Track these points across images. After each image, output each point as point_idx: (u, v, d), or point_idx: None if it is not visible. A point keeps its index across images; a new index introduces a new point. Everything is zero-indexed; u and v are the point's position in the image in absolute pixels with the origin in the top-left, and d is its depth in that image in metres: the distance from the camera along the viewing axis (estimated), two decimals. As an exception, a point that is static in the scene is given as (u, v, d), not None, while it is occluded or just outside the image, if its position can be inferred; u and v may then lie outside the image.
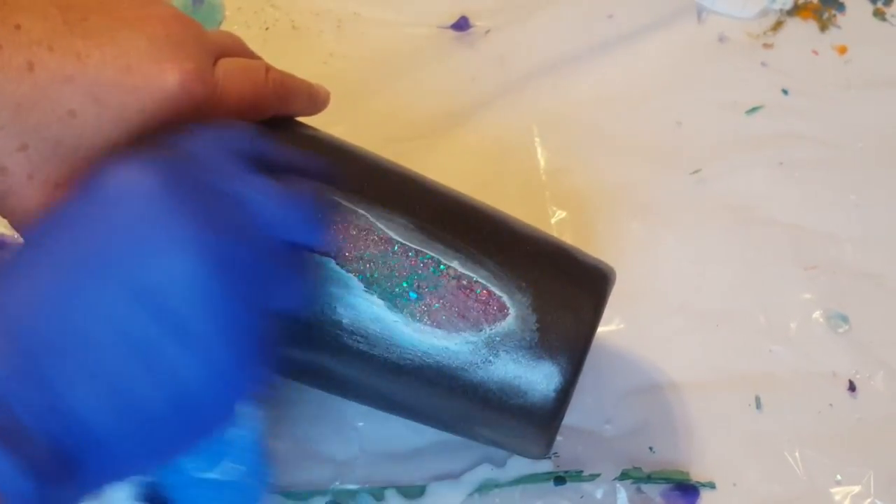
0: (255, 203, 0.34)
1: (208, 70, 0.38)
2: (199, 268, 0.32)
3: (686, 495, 0.47)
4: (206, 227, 0.33)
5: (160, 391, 0.32)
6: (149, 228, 0.32)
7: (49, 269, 0.32)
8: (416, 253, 0.40)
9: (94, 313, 0.32)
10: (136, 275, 0.32)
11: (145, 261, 0.32)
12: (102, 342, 0.32)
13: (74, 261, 0.32)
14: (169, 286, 0.32)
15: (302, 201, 0.36)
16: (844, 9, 0.59)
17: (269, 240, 0.34)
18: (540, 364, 0.40)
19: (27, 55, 0.35)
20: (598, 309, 0.41)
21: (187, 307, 0.32)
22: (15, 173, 0.35)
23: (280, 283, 0.35)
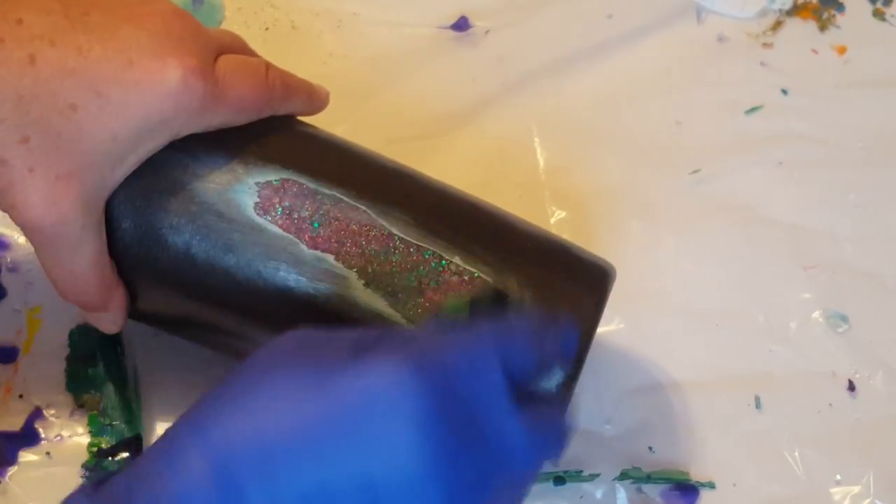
0: (509, 446, 0.32)
1: (209, 66, 0.38)
2: (432, 480, 0.30)
3: (686, 495, 0.47)
4: (450, 445, 0.31)
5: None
6: (397, 423, 0.31)
7: (277, 418, 0.31)
8: (418, 248, 0.40)
9: (323, 471, 0.30)
10: (378, 459, 0.30)
11: (378, 448, 0.30)
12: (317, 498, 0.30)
13: (309, 424, 0.31)
14: (401, 487, 0.30)
15: (552, 435, 0.34)
16: (844, 9, 0.59)
17: (513, 478, 0.33)
18: None
19: (29, 49, 0.35)
20: (599, 304, 0.41)
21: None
22: (16, 166, 0.35)
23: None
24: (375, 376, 0.31)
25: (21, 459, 0.46)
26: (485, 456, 0.32)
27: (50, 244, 0.37)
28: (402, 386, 0.31)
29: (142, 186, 0.39)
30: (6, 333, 0.49)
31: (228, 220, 0.39)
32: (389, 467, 0.30)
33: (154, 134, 0.37)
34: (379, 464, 0.30)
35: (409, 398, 0.31)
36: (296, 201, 0.40)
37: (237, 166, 0.40)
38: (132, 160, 0.38)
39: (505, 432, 0.32)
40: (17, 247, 0.51)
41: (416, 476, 0.30)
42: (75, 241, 0.37)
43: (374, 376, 0.31)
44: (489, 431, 0.32)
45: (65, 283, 0.39)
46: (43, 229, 0.37)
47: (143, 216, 0.39)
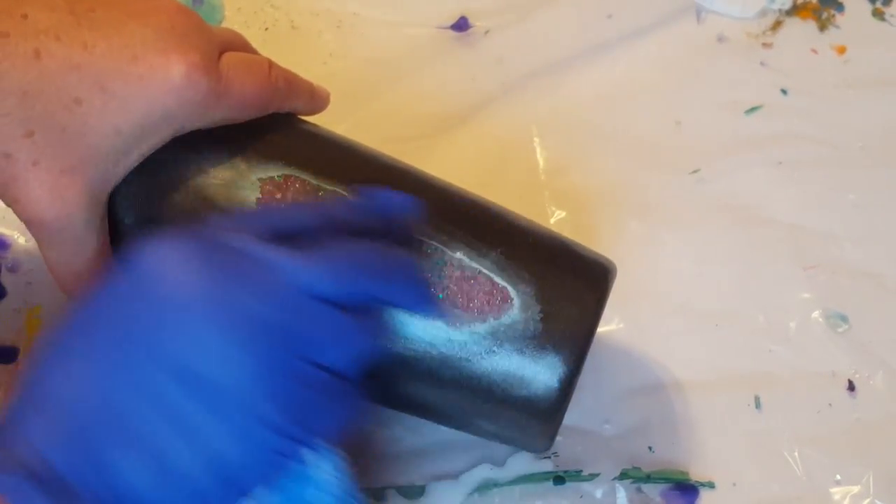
0: (281, 267, 0.34)
1: (213, 63, 0.38)
2: (225, 333, 0.33)
3: (685, 495, 0.47)
4: (228, 292, 0.33)
5: (198, 460, 0.33)
6: (175, 300, 0.33)
7: (90, 349, 0.33)
8: (421, 243, 0.40)
9: (133, 390, 0.33)
10: (166, 349, 0.33)
11: (173, 333, 0.33)
12: (143, 417, 0.32)
13: (112, 340, 0.33)
14: (197, 355, 0.33)
15: (326, 261, 0.36)
16: (843, 8, 0.59)
17: (300, 299, 0.34)
18: (543, 354, 0.40)
19: (34, 43, 0.35)
20: (600, 300, 0.41)
21: (217, 374, 0.33)
22: (20, 160, 0.36)
23: (323, 339, 0.35)
24: (138, 259, 0.34)
25: (21, 459, 0.46)
26: (260, 280, 0.33)
27: (53, 238, 0.37)
28: (162, 256, 0.33)
29: (145, 182, 0.39)
30: (6, 333, 0.49)
31: (231, 215, 0.39)
32: (190, 353, 0.33)
33: (157, 129, 0.37)
34: (179, 354, 0.33)
35: (169, 254, 0.33)
36: (298, 197, 0.40)
37: (240, 162, 0.40)
38: (135, 155, 0.38)
39: (271, 257, 0.34)
40: (17, 247, 0.51)
41: (195, 309, 0.33)
42: (78, 236, 0.37)
43: (136, 261, 0.34)
44: (256, 257, 0.34)
45: (67, 279, 0.39)
46: (46, 223, 0.37)
47: (146, 212, 0.39)
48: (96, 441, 0.32)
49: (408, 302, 0.38)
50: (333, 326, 0.35)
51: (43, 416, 0.33)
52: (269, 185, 0.40)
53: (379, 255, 0.37)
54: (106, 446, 0.32)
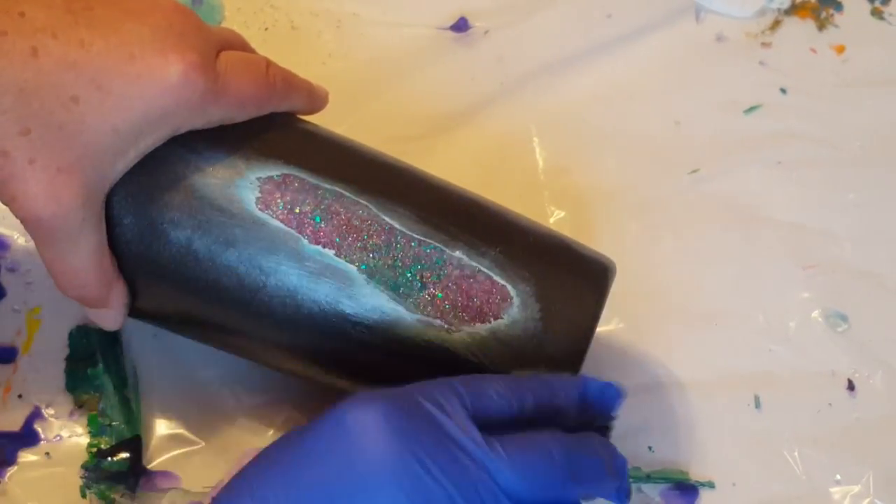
0: (480, 459, 0.34)
1: (210, 62, 0.38)
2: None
3: (685, 495, 0.47)
4: (429, 478, 0.33)
5: None
6: (371, 465, 0.33)
7: (278, 492, 0.34)
8: (420, 243, 0.40)
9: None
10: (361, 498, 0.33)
11: (365, 498, 0.33)
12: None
13: (299, 492, 0.34)
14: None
15: (532, 459, 0.36)
16: (842, 8, 0.59)
17: (491, 498, 0.34)
18: (543, 353, 0.40)
19: (31, 41, 0.35)
20: (600, 299, 0.41)
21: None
22: (17, 158, 0.36)
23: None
24: (342, 415, 0.34)
25: (20, 459, 0.46)
26: (462, 479, 0.34)
27: (50, 237, 0.37)
28: (369, 417, 0.34)
29: (142, 181, 0.39)
30: (6, 333, 0.49)
31: (230, 215, 0.39)
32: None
33: (155, 128, 0.37)
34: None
35: (373, 421, 0.34)
36: (297, 196, 0.40)
37: (238, 161, 0.40)
38: (133, 154, 0.38)
39: (472, 449, 0.34)
40: (17, 247, 0.51)
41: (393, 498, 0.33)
42: (75, 234, 0.37)
43: (340, 416, 0.34)
44: (456, 451, 0.34)
45: (65, 278, 0.39)
46: (43, 221, 0.37)
47: (144, 211, 0.39)
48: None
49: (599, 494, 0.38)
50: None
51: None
52: (268, 184, 0.40)
53: (581, 454, 0.37)
54: None
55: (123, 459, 0.47)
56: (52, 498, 0.46)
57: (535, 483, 0.35)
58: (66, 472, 0.46)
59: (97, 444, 0.47)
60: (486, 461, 0.34)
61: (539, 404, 0.37)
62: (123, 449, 0.47)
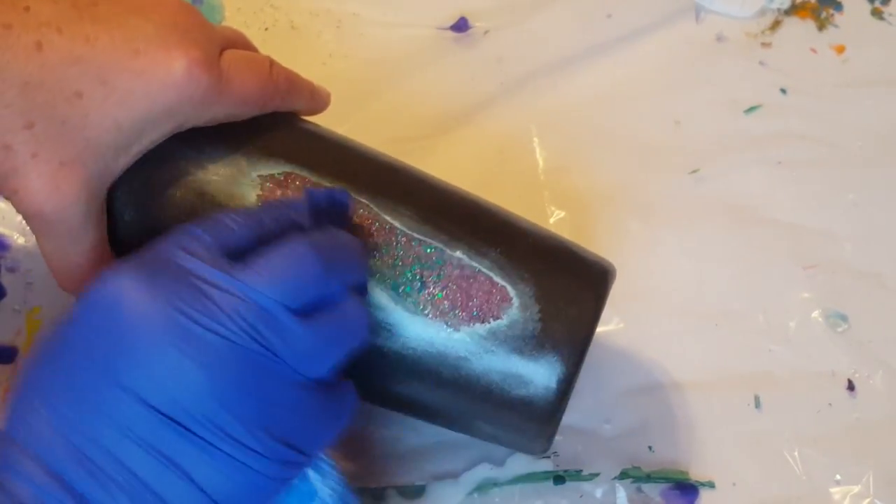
0: (231, 284, 0.34)
1: (215, 59, 0.38)
2: (189, 358, 0.33)
3: (685, 495, 0.47)
4: (187, 318, 0.33)
5: (187, 491, 0.33)
6: (137, 330, 0.33)
7: (61, 388, 0.33)
8: (420, 242, 0.40)
9: (109, 423, 0.33)
10: (133, 378, 0.33)
11: (138, 362, 0.33)
12: (124, 451, 0.33)
13: (83, 376, 0.33)
14: (166, 383, 0.33)
15: (274, 265, 0.35)
16: (842, 8, 0.59)
17: (258, 316, 0.34)
18: (543, 354, 0.40)
19: (36, 35, 0.35)
20: (599, 300, 0.41)
21: (190, 401, 0.33)
22: (20, 151, 0.36)
23: (289, 350, 0.35)
24: (97, 291, 0.34)
25: (20, 459, 0.46)
26: (224, 312, 0.33)
27: (51, 231, 0.37)
28: (121, 284, 0.33)
29: (144, 178, 0.39)
30: (6, 334, 0.49)
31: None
32: (140, 371, 0.33)
33: (158, 124, 0.37)
34: (131, 375, 0.33)
35: (124, 287, 0.33)
36: (298, 194, 0.40)
37: (240, 159, 0.40)
38: (135, 150, 0.38)
39: (222, 279, 0.34)
40: (17, 247, 0.51)
41: (166, 363, 0.33)
42: (76, 229, 0.37)
43: (95, 292, 0.34)
44: (209, 287, 0.34)
45: (64, 273, 0.39)
46: (44, 215, 0.37)
47: (145, 207, 0.39)
48: (80, 482, 0.32)
49: (358, 281, 0.38)
50: (299, 337, 0.35)
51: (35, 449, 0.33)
52: (269, 182, 0.40)
53: (325, 248, 0.36)
54: (90, 485, 0.32)
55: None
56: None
57: (292, 284, 0.35)
58: (66, 471, 0.46)
59: (97, 444, 0.47)
60: (240, 285, 0.34)
61: (276, 221, 0.37)
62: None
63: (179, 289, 0.33)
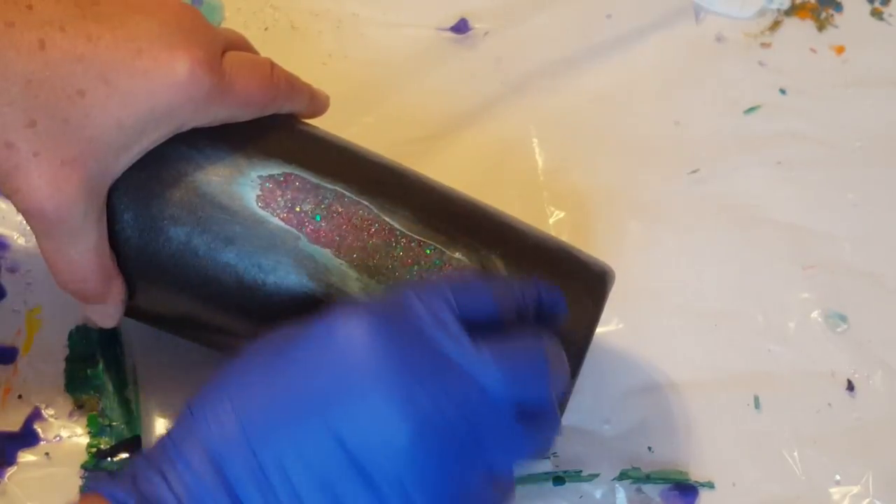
0: (466, 366, 0.34)
1: (217, 60, 0.38)
2: (401, 421, 0.33)
3: (685, 495, 0.47)
4: (414, 381, 0.33)
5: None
6: (360, 375, 0.33)
7: (264, 400, 0.33)
8: (420, 244, 0.40)
9: (298, 449, 0.33)
10: (345, 417, 0.33)
11: (351, 407, 0.33)
12: (301, 480, 0.33)
13: (291, 398, 0.33)
14: (370, 432, 0.33)
15: (517, 363, 0.35)
16: (842, 8, 0.59)
17: (480, 404, 0.34)
18: None
19: (39, 33, 0.35)
20: (599, 301, 0.41)
21: (386, 459, 0.33)
22: (21, 150, 0.36)
23: (497, 446, 0.35)
24: (331, 325, 0.34)
25: (20, 460, 0.46)
26: (453, 391, 0.33)
27: (51, 230, 0.37)
28: (358, 327, 0.33)
29: (144, 177, 0.39)
30: (5, 334, 0.49)
31: (230, 212, 0.39)
32: (352, 415, 0.33)
33: (159, 124, 0.37)
34: (341, 414, 0.33)
35: (362, 330, 0.33)
36: (298, 195, 0.40)
37: (240, 159, 0.40)
38: (136, 150, 0.38)
39: (462, 358, 0.34)
40: (17, 247, 0.51)
41: (379, 416, 0.33)
42: (77, 228, 0.37)
43: (329, 325, 0.34)
44: (446, 360, 0.34)
45: (64, 272, 0.39)
46: (45, 214, 0.37)
47: (145, 207, 0.39)
48: (247, 492, 0.32)
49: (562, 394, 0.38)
50: (510, 436, 0.35)
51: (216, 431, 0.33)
52: (269, 182, 0.40)
53: (554, 355, 0.36)
54: (254, 500, 0.32)
55: (123, 460, 0.47)
56: (52, 498, 0.46)
57: (522, 384, 0.35)
58: (65, 472, 0.46)
59: (97, 444, 0.47)
60: (475, 368, 0.34)
61: (515, 306, 0.37)
62: (123, 449, 0.47)
63: (417, 351, 0.33)
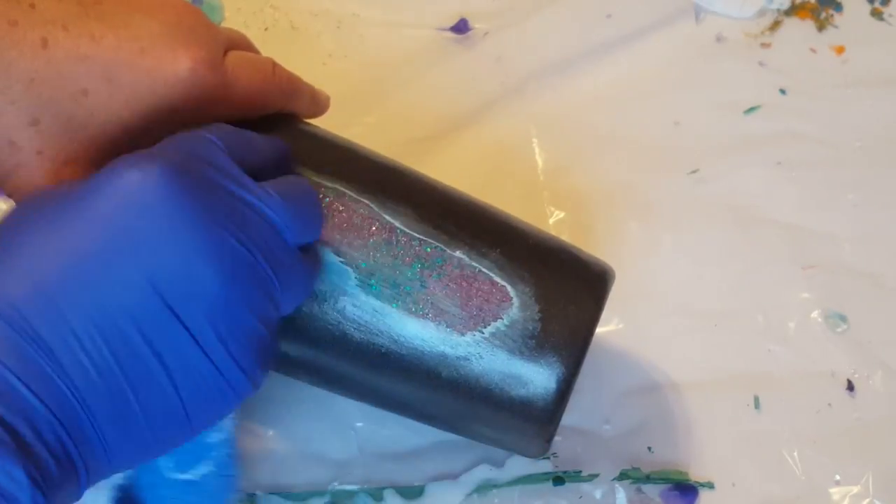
0: (259, 207, 0.35)
1: (219, 59, 0.38)
2: (213, 266, 0.33)
3: (685, 495, 0.47)
4: (218, 226, 0.33)
5: (162, 383, 0.33)
6: (164, 222, 0.33)
7: (64, 243, 0.32)
8: (420, 242, 0.40)
9: (106, 291, 0.32)
10: (154, 263, 0.32)
11: (162, 252, 0.33)
12: (110, 320, 0.32)
13: (89, 241, 0.32)
14: (185, 281, 0.33)
15: (301, 201, 0.37)
16: (842, 8, 0.59)
17: (275, 243, 0.35)
18: (542, 354, 0.40)
19: (42, 32, 0.35)
20: (599, 301, 0.41)
21: (200, 305, 0.33)
22: (24, 148, 0.36)
23: (287, 285, 0.36)
24: (120, 176, 0.33)
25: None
26: (242, 217, 0.34)
27: None
28: (150, 175, 0.33)
29: None
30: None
31: None
32: (163, 263, 0.33)
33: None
34: (153, 264, 0.32)
35: (154, 186, 0.33)
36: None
37: None
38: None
39: (253, 199, 0.35)
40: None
41: (190, 261, 0.33)
42: None
43: (117, 177, 0.33)
44: (240, 202, 0.34)
45: None
46: None
47: None
48: (52, 335, 0.32)
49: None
50: (298, 275, 0.36)
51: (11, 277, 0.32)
52: None
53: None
54: (63, 343, 0.32)
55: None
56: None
57: (303, 223, 0.36)
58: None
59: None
60: (266, 208, 0.35)
61: (269, 152, 0.38)
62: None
63: (212, 195, 0.34)
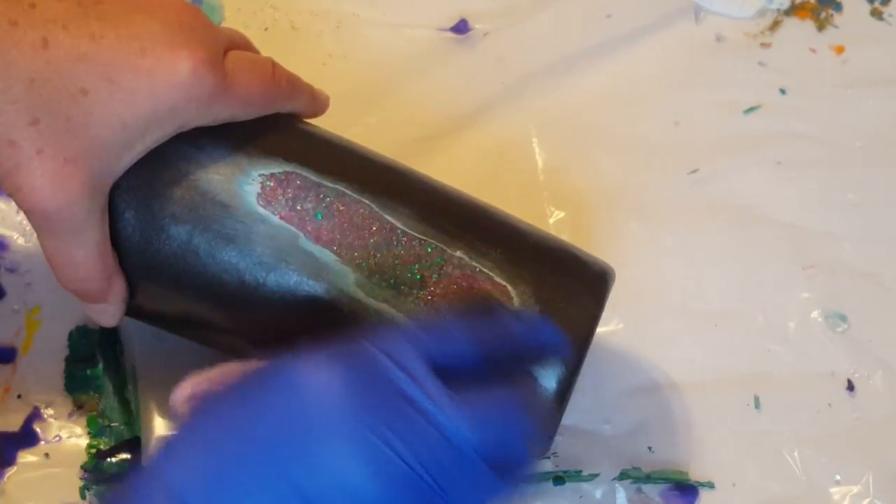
0: (436, 415, 0.34)
1: (219, 59, 0.38)
2: (367, 469, 0.32)
3: (685, 495, 0.47)
4: (378, 434, 0.33)
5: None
6: (322, 426, 0.33)
7: (220, 448, 0.33)
8: (421, 242, 0.40)
9: (254, 499, 0.32)
10: (307, 472, 0.32)
11: (313, 458, 0.32)
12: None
13: (247, 445, 0.33)
14: (333, 489, 0.32)
15: (492, 420, 0.35)
16: (841, 8, 0.59)
17: (444, 454, 0.34)
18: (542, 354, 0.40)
19: (42, 32, 0.35)
20: (599, 301, 0.41)
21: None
22: (24, 148, 0.36)
23: (465, 494, 0.34)
24: (292, 372, 0.33)
25: (19, 460, 0.46)
26: (417, 441, 0.33)
27: (53, 228, 0.37)
28: (318, 374, 0.33)
29: (146, 176, 0.39)
30: (5, 334, 0.49)
31: (231, 210, 0.39)
32: (311, 468, 0.32)
33: (162, 123, 0.37)
34: (300, 466, 0.32)
35: (325, 378, 0.33)
36: (299, 193, 0.40)
37: (241, 158, 0.40)
38: (139, 148, 0.38)
39: (429, 408, 0.33)
40: (17, 247, 0.51)
41: (337, 464, 0.32)
42: (79, 226, 0.37)
43: (291, 373, 0.33)
44: (411, 408, 0.33)
45: (65, 270, 0.39)
46: (48, 212, 0.37)
47: (146, 206, 0.39)
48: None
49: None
50: (480, 483, 0.34)
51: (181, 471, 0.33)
52: (270, 181, 0.40)
53: (524, 408, 0.35)
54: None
55: (123, 460, 0.47)
56: (52, 499, 0.46)
57: (492, 443, 0.34)
58: (65, 472, 0.46)
59: (96, 444, 0.47)
60: (444, 421, 0.33)
61: (501, 346, 0.37)
62: (123, 450, 0.47)
63: (381, 403, 0.33)
